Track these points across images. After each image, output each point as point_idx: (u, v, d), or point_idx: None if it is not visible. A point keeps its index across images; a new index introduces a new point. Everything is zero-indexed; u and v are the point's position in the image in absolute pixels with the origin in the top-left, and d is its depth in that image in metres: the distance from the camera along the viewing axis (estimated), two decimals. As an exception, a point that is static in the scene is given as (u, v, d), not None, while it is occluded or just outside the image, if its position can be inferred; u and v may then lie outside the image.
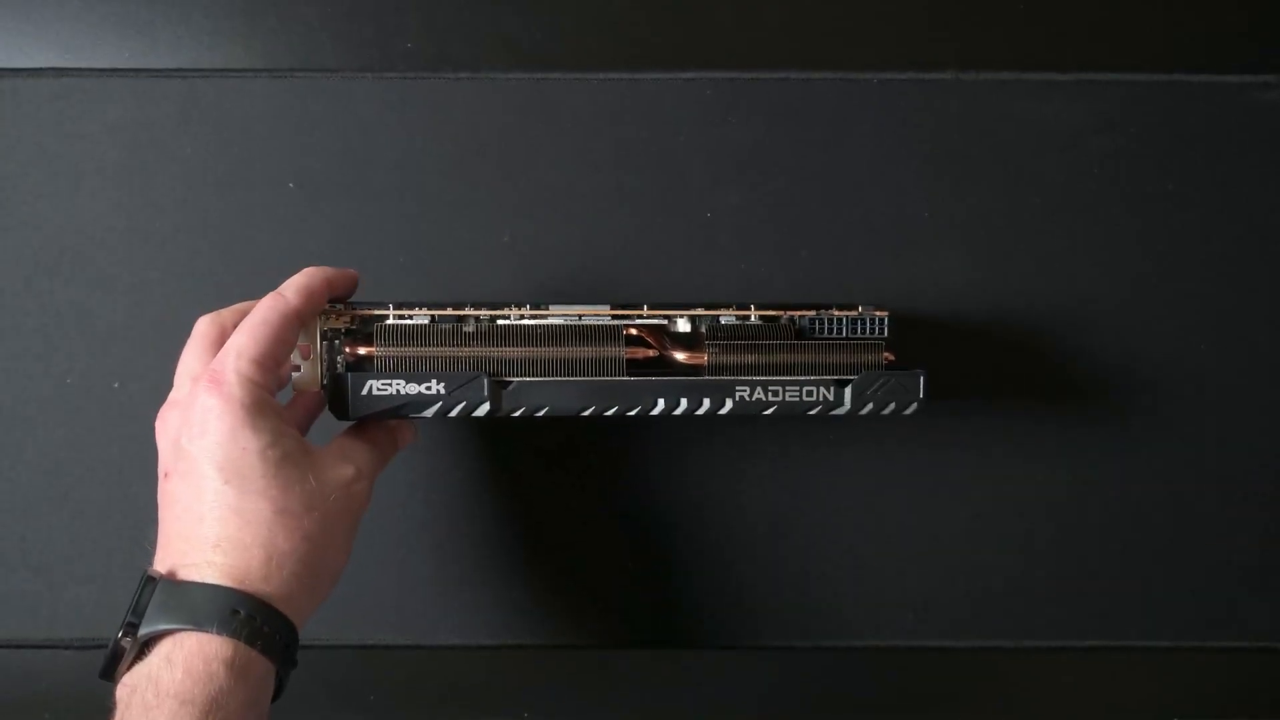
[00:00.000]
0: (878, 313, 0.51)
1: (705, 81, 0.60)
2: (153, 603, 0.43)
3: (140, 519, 0.59)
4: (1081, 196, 0.61)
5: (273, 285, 0.59)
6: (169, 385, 0.59)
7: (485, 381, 0.48)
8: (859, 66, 0.61)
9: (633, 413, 0.49)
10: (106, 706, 0.43)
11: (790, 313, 0.51)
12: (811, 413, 0.50)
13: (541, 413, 0.48)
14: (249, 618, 0.43)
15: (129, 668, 0.43)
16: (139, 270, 0.60)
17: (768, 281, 0.60)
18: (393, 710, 0.60)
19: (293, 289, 0.48)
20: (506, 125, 0.60)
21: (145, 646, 0.43)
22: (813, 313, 0.51)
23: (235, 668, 0.42)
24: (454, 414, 0.48)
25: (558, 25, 0.61)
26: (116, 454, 0.59)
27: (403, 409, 0.48)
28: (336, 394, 0.49)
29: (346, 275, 0.51)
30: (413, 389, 0.48)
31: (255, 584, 0.44)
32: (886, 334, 0.51)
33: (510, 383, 0.49)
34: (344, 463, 0.47)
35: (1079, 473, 0.60)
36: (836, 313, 0.51)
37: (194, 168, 0.60)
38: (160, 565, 0.45)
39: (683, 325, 0.51)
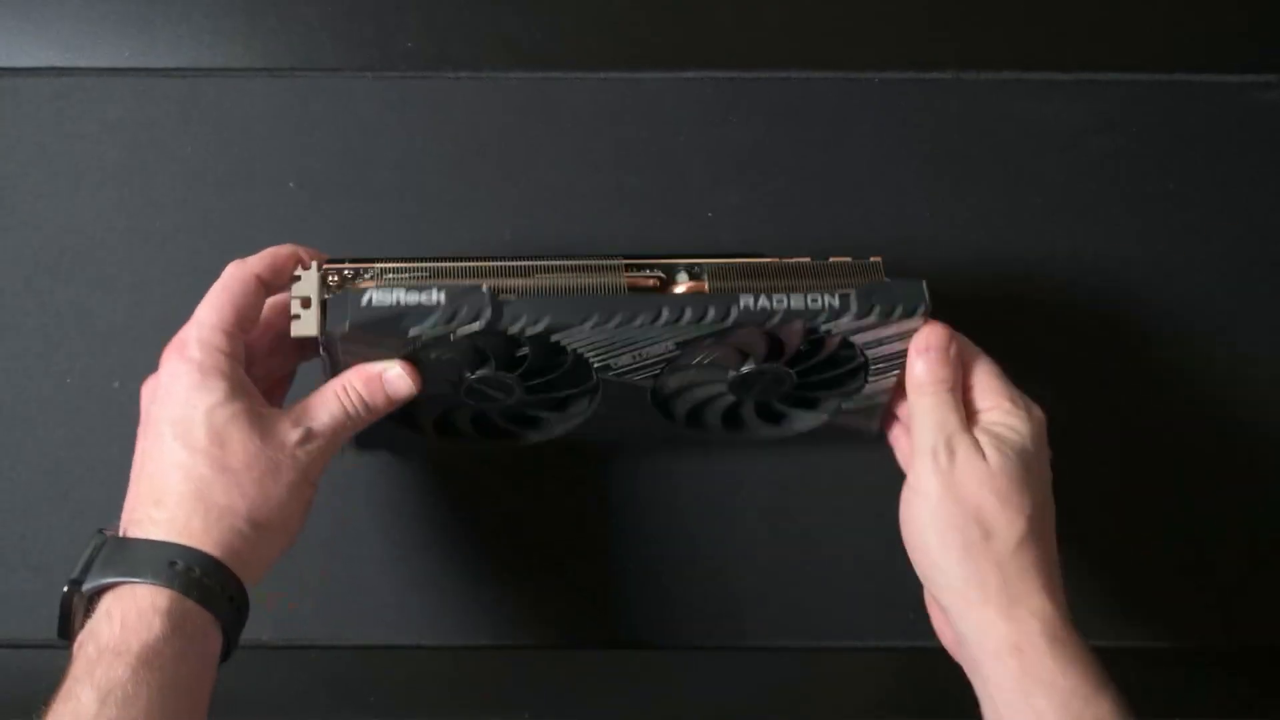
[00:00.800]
0: (873, 258, 0.51)
1: (705, 81, 0.60)
2: (98, 559, 0.44)
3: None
4: (1081, 196, 0.61)
5: (272, 285, 0.59)
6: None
7: (486, 291, 0.47)
8: (859, 66, 0.61)
9: (637, 323, 0.48)
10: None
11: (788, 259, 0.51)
12: (819, 323, 0.48)
13: (541, 325, 0.47)
14: (186, 569, 0.43)
15: (81, 625, 0.44)
16: (139, 270, 0.60)
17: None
18: (393, 710, 0.60)
19: (255, 256, 0.50)
20: (506, 125, 0.60)
21: (92, 603, 0.44)
22: (808, 259, 0.51)
23: (172, 617, 0.43)
24: (454, 325, 0.47)
25: (558, 25, 0.61)
26: (116, 454, 0.59)
27: (402, 320, 0.47)
28: (336, 306, 0.48)
29: (315, 253, 0.51)
30: (412, 298, 0.47)
31: (195, 537, 0.44)
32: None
33: (510, 300, 0.48)
34: (294, 426, 0.48)
35: (1078, 472, 0.60)
36: (833, 260, 0.51)
37: (194, 167, 0.60)
38: (121, 525, 0.46)
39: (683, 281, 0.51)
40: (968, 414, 0.50)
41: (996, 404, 0.50)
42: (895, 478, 0.60)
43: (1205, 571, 0.60)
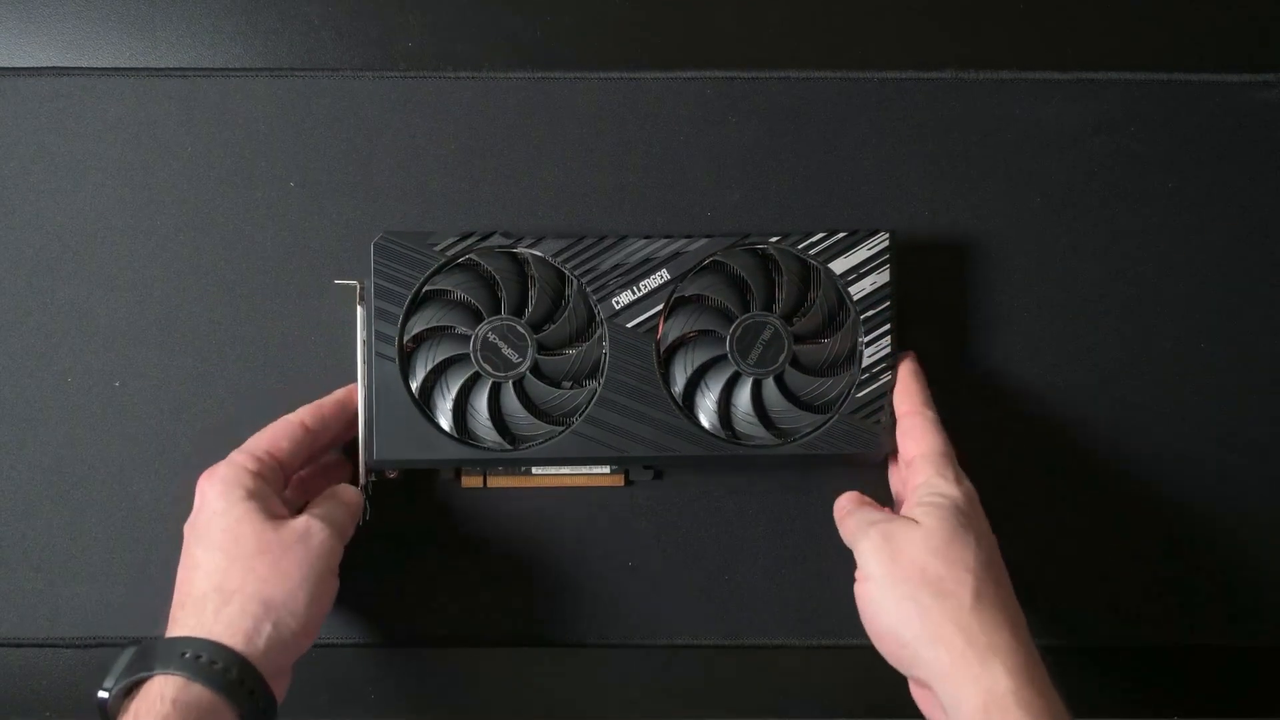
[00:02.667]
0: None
1: (705, 81, 0.60)
2: (125, 665, 0.48)
3: (140, 518, 0.59)
4: (1081, 196, 0.61)
5: (272, 284, 0.59)
6: (169, 384, 0.59)
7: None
8: (859, 66, 0.61)
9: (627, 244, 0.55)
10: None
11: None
12: (794, 243, 0.56)
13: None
14: (194, 656, 0.47)
15: None
16: (140, 269, 0.60)
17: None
18: (393, 710, 0.60)
19: (308, 410, 0.56)
20: (507, 125, 0.60)
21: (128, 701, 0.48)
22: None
23: (179, 705, 0.46)
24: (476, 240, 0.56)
25: (558, 25, 0.61)
26: (117, 453, 0.59)
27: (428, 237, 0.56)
28: None
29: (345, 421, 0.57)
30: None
31: (206, 627, 0.48)
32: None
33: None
34: (301, 522, 0.51)
35: (1078, 472, 0.60)
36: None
37: (195, 166, 0.60)
38: None
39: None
40: (909, 482, 0.53)
41: (926, 478, 0.52)
42: (895, 477, 0.60)
43: (1205, 571, 0.60)
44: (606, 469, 0.59)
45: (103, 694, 0.48)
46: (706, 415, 0.56)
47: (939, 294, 0.60)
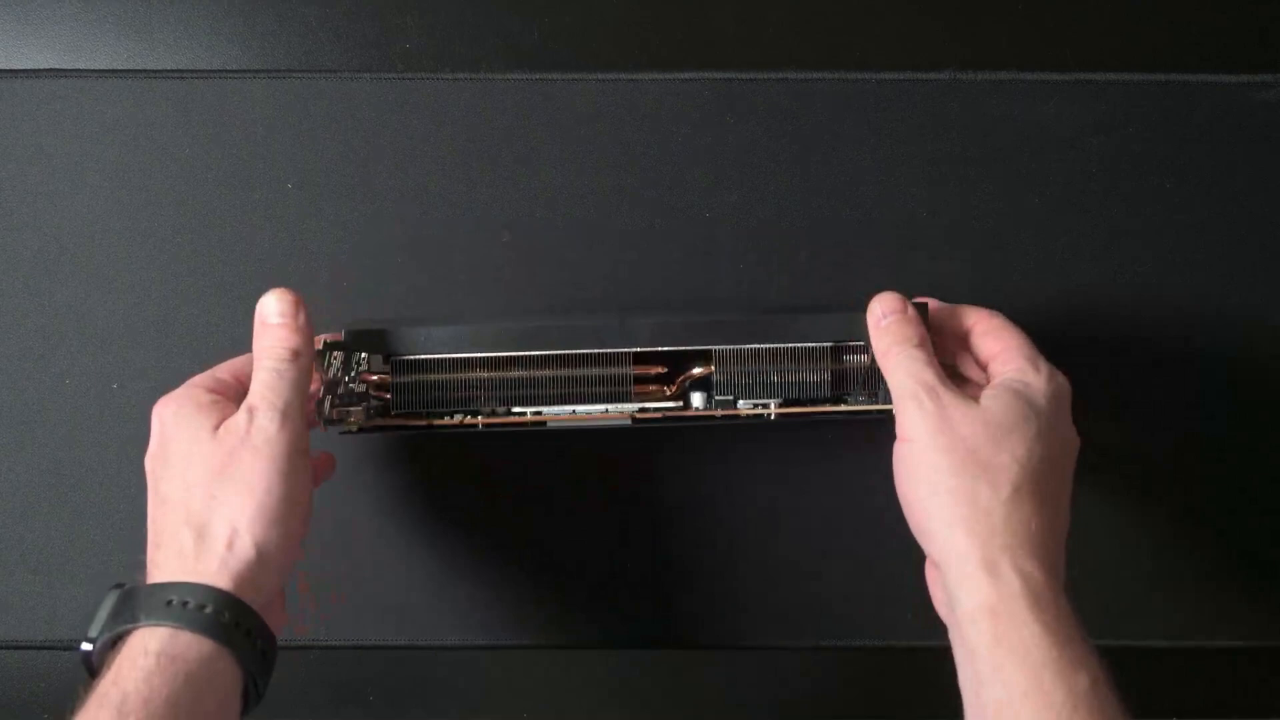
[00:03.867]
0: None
1: (705, 82, 0.60)
2: (111, 609, 0.44)
3: (139, 520, 0.59)
4: (1081, 196, 0.61)
5: (270, 285, 0.59)
6: (167, 385, 0.59)
7: None
8: (858, 67, 0.61)
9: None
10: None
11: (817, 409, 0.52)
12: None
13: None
14: (181, 602, 0.42)
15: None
16: (138, 271, 0.59)
17: (767, 282, 0.60)
18: (393, 710, 0.60)
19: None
20: (506, 125, 0.60)
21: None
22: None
23: (165, 656, 0.41)
24: None
25: (558, 25, 0.61)
26: (116, 454, 0.59)
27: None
28: None
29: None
30: None
31: (188, 568, 0.44)
32: None
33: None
34: (238, 417, 0.46)
35: (1077, 471, 0.60)
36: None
37: (193, 168, 0.60)
38: None
39: (696, 401, 0.53)
40: (988, 382, 0.48)
41: (1017, 366, 0.48)
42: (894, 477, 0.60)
43: (1203, 571, 0.60)
44: (605, 407, 0.53)
45: (86, 646, 0.44)
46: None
47: (938, 295, 0.60)
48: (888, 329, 0.48)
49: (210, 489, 0.44)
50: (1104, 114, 0.60)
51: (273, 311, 0.48)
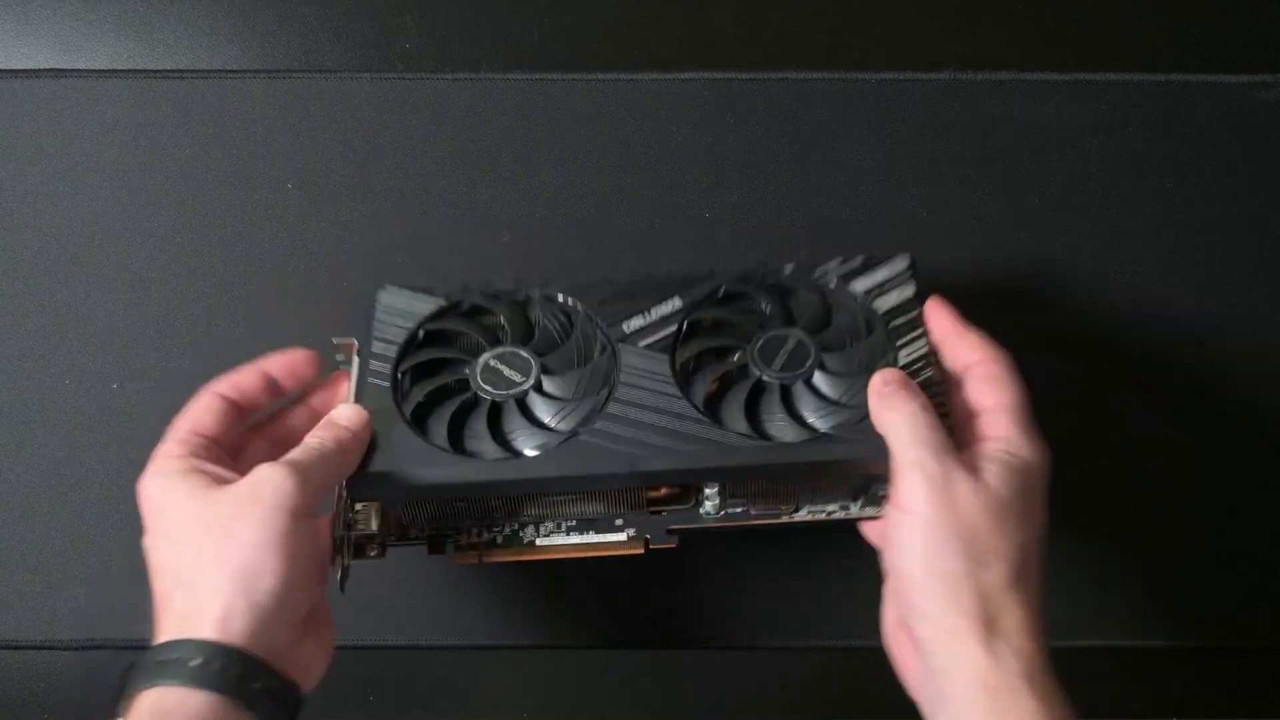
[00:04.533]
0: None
1: (705, 82, 0.60)
2: (120, 687, 0.43)
3: (138, 521, 0.59)
4: (1081, 196, 0.61)
5: (271, 285, 0.59)
6: (168, 385, 0.59)
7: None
8: (858, 67, 0.61)
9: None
10: (108, 708, 0.43)
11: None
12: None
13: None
14: (165, 659, 0.41)
15: None
16: (137, 271, 0.59)
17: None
18: (393, 710, 0.60)
19: (221, 380, 0.49)
20: (506, 125, 0.60)
21: None
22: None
23: (160, 713, 0.41)
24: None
25: (557, 26, 0.61)
26: (115, 455, 0.59)
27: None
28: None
29: (289, 361, 0.51)
30: None
31: (178, 626, 0.42)
32: None
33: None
34: (249, 477, 0.45)
35: (1077, 471, 0.60)
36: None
37: (193, 168, 0.60)
38: None
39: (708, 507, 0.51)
40: (972, 440, 0.47)
41: (1008, 434, 0.47)
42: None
43: (1203, 571, 0.60)
44: (622, 536, 0.51)
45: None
46: (731, 418, 0.49)
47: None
48: (891, 393, 0.47)
49: (202, 544, 0.43)
50: (1104, 114, 0.60)
51: (345, 418, 0.48)
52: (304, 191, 0.60)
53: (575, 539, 0.51)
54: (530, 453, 0.48)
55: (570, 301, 0.51)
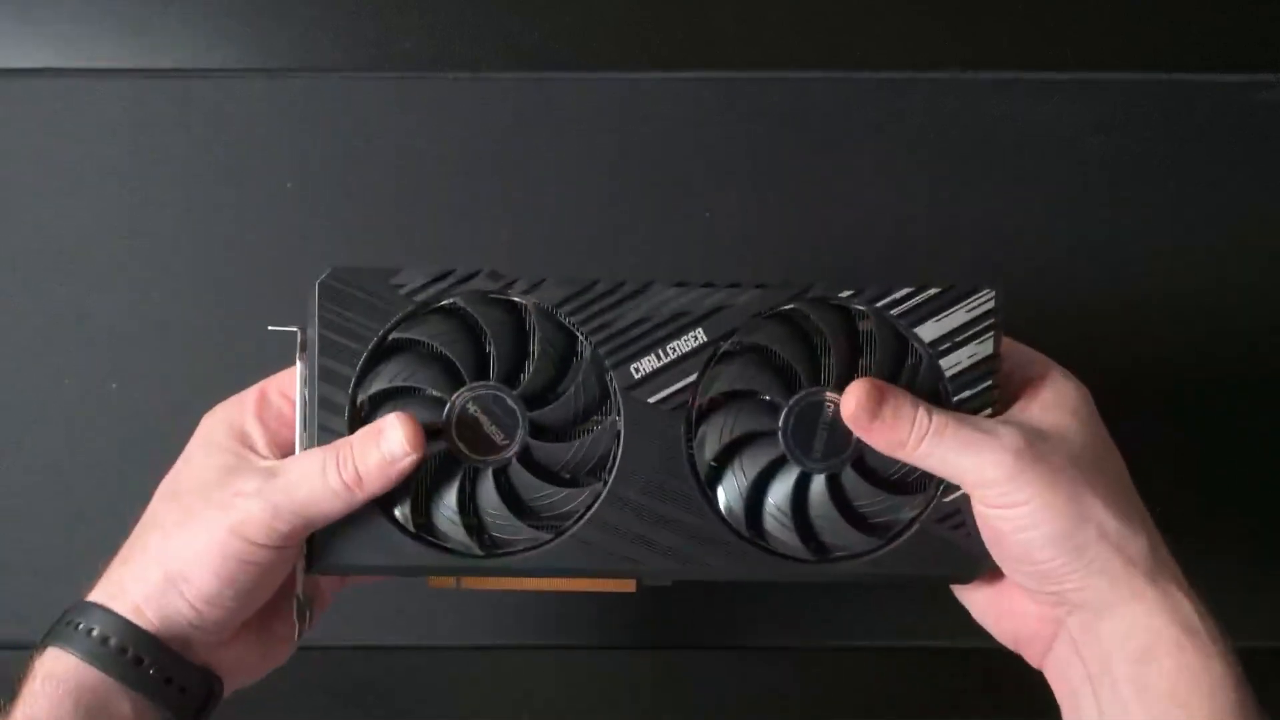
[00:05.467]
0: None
1: (705, 82, 0.60)
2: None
3: (139, 519, 0.59)
4: (1081, 196, 0.61)
5: (270, 285, 0.59)
6: (167, 386, 0.59)
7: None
8: (859, 66, 0.61)
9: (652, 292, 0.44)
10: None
11: None
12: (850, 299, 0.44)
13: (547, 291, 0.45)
14: (72, 623, 0.42)
15: None
16: (137, 270, 0.59)
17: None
18: (393, 710, 0.60)
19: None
20: (506, 125, 0.60)
21: None
22: None
23: (52, 679, 0.41)
24: (451, 281, 0.44)
25: (557, 26, 0.61)
26: (115, 455, 0.59)
27: (394, 275, 0.44)
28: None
29: None
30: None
31: (110, 591, 0.43)
32: None
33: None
34: (261, 478, 0.42)
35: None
36: None
37: (192, 168, 0.60)
38: None
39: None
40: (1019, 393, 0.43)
41: (1050, 377, 0.44)
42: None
43: (1203, 571, 0.60)
44: None
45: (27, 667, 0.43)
46: (771, 524, 0.43)
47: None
48: (887, 426, 0.41)
49: (166, 522, 0.43)
50: (1104, 114, 0.60)
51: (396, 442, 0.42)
52: (304, 191, 0.60)
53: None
54: (508, 550, 0.43)
55: (568, 320, 0.44)
